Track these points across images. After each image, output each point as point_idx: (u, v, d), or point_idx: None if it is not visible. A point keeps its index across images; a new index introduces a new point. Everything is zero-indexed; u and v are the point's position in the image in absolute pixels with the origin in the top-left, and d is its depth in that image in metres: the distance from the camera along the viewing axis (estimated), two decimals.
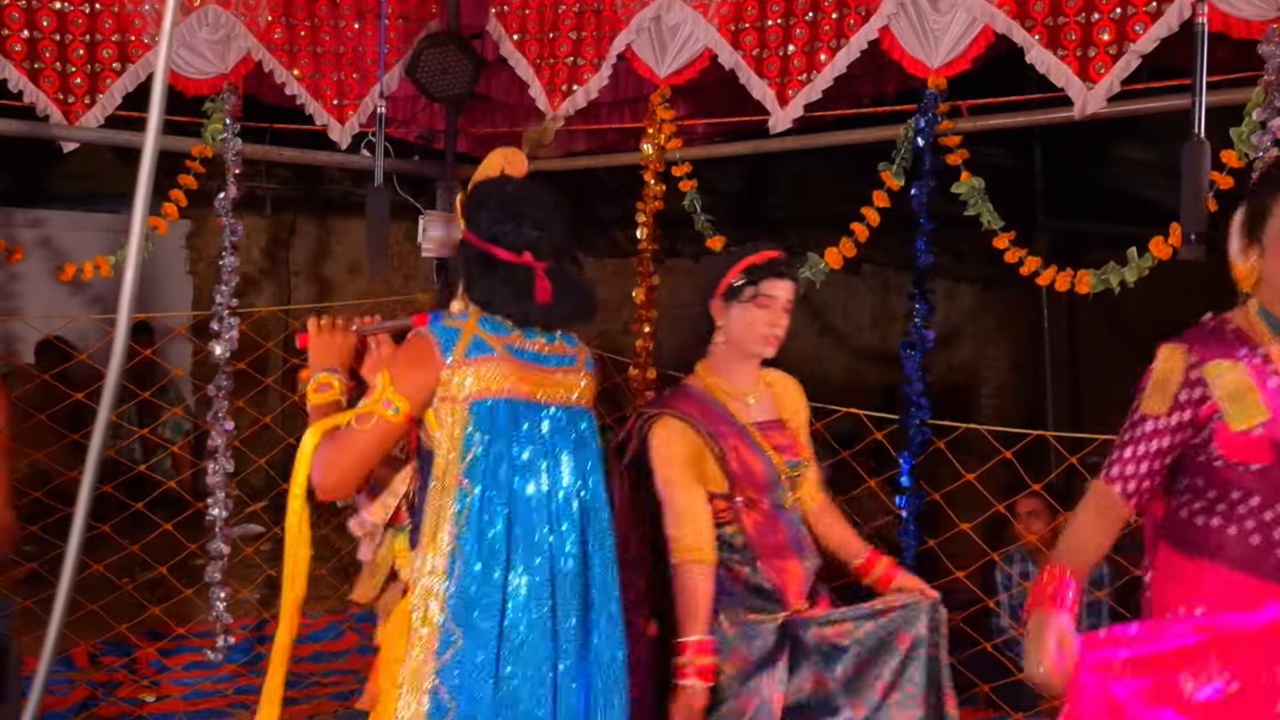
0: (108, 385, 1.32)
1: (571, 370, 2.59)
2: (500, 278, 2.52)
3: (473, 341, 2.47)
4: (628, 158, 5.04)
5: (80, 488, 1.33)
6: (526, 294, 2.51)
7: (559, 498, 2.49)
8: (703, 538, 2.90)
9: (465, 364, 2.45)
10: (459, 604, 2.36)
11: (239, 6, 4.95)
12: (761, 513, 2.98)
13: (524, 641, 2.38)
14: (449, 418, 2.44)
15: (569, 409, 2.57)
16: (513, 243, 2.53)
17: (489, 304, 2.54)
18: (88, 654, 5.22)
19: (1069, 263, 3.93)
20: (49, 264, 6.75)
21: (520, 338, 2.53)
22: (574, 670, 2.43)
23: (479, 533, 2.39)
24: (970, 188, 4.03)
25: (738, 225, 6.95)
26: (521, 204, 2.56)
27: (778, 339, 3.02)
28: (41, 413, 5.01)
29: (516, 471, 2.45)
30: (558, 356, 2.58)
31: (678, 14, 4.57)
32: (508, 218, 2.54)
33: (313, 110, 5.13)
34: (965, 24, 3.94)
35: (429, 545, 2.41)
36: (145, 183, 1.30)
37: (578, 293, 2.60)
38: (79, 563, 1.34)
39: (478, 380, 2.45)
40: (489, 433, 2.43)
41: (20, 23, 4.73)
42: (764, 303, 2.99)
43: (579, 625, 2.46)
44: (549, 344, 2.57)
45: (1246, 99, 3.46)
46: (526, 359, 2.52)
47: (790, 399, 3.19)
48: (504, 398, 2.46)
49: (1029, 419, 7.57)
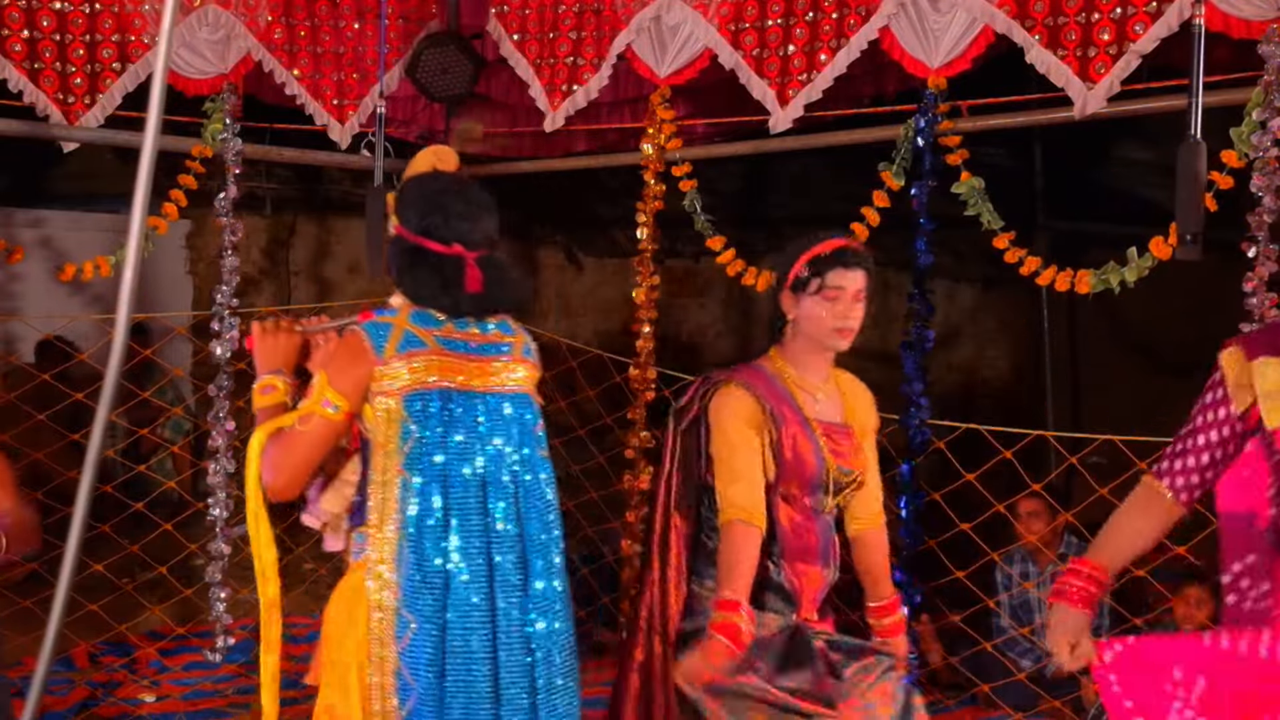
0: (107, 385, 1.32)
1: (508, 358, 2.67)
2: (430, 269, 2.59)
3: (404, 336, 2.55)
4: (628, 158, 5.04)
5: (80, 488, 1.33)
6: (456, 284, 2.58)
7: (497, 483, 2.58)
8: (755, 500, 2.82)
9: (397, 359, 2.53)
10: (409, 590, 2.48)
11: (239, 6, 4.95)
12: (799, 511, 2.90)
13: (468, 624, 2.50)
14: (384, 411, 2.53)
15: (506, 396, 2.64)
16: (443, 235, 2.59)
17: (418, 296, 2.61)
18: (88, 654, 5.22)
19: (1069, 263, 3.93)
20: (49, 264, 6.75)
21: (452, 329, 2.61)
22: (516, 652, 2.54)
23: (419, 521, 2.50)
24: (970, 188, 4.03)
25: (738, 225, 6.95)
26: (450, 197, 2.63)
27: (850, 331, 2.89)
28: (41, 413, 5.01)
29: (452, 460, 2.54)
30: (493, 346, 2.65)
31: (678, 14, 4.57)
32: (436, 211, 2.60)
33: (313, 110, 5.13)
34: (965, 24, 3.94)
35: (375, 535, 2.52)
36: (145, 183, 1.30)
37: (509, 282, 2.67)
38: (79, 563, 1.34)
39: (410, 373, 2.53)
40: (424, 424, 2.52)
41: (20, 23, 4.73)
42: (831, 294, 2.86)
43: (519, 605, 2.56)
44: (483, 334, 2.65)
45: (1246, 99, 3.46)
46: (459, 350, 2.60)
47: (860, 406, 3.06)
48: (437, 389, 2.54)
49: (1029, 419, 7.57)
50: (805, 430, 2.89)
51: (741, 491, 2.83)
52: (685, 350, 8.41)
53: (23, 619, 4.87)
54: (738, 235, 4.91)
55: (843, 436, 2.96)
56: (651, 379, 4.87)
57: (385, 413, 2.53)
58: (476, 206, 2.65)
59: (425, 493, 2.51)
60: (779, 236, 8.65)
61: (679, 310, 8.64)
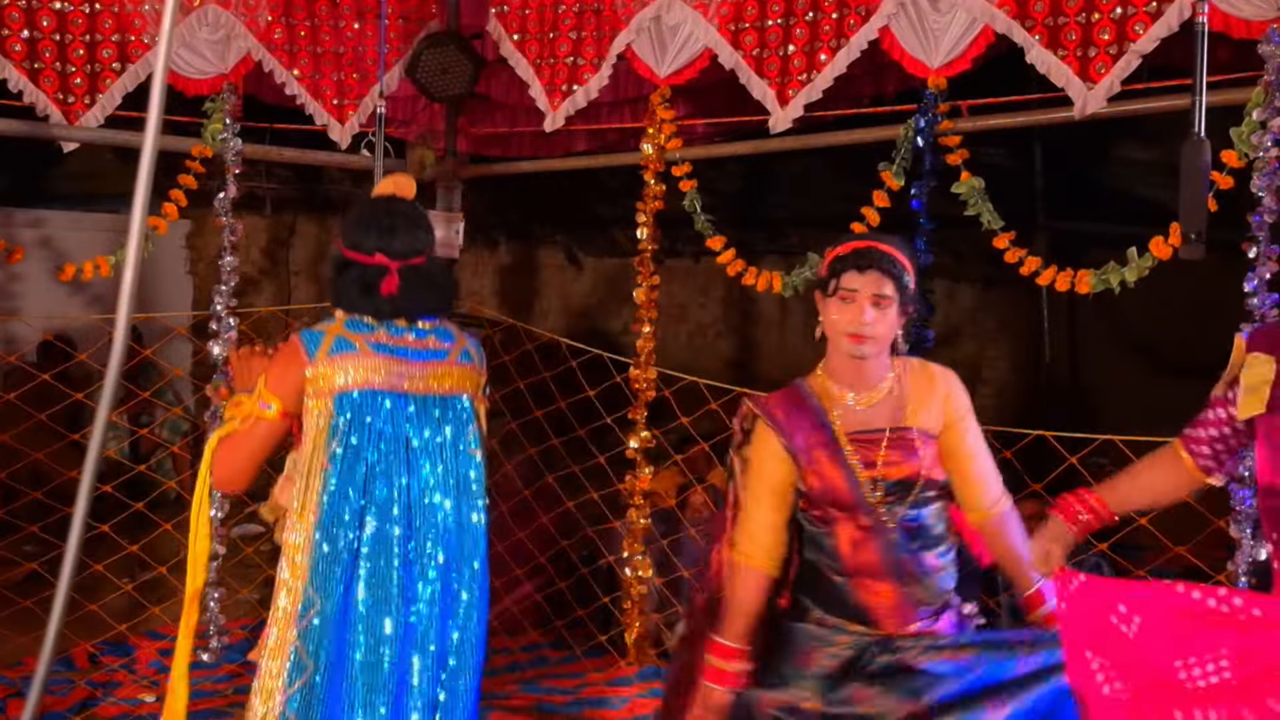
0: (107, 385, 1.32)
1: (441, 363, 2.88)
2: (352, 278, 2.84)
3: (336, 341, 2.80)
4: (628, 158, 5.04)
5: (80, 488, 1.33)
6: (374, 289, 2.82)
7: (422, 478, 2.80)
8: (757, 544, 2.78)
9: (328, 361, 2.77)
10: (317, 574, 2.70)
11: (239, 6, 4.95)
12: (858, 528, 2.78)
13: (379, 609, 2.72)
14: (316, 410, 2.77)
15: (439, 397, 2.86)
16: (367, 247, 2.84)
17: (341, 302, 2.87)
18: (88, 654, 5.22)
19: (1069, 263, 3.92)
20: (49, 264, 6.75)
21: (385, 334, 2.84)
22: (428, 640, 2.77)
23: (335, 509, 2.72)
24: (970, 188, 4.03)
25: (738, 225, 6.95)
26: (376, 214, 2.89)
27: (861, 336, 2.75)
28: (42, 412, 5.01)
29: (376, 455, 2.77)
30: (427, 351, 2.87)
31: (678, 14, 4.57)
32: (364, 227, 2.86)
33: (313, 110, 5.13)
34: (965, 24, 3.94)
35: (297, 522, 2.75)
36: (145, 183, 1.30)
37: (431, 288, 2.89)
38: (79, 563, 1.34)
39: (341, 374, 2.77)
40: (351, 421, 2.76)
41: (20, 23, 4.73)
42: (844, 296, 2.75)
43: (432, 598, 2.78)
44: (418, 339, 2.87)
45: (1246, 99, 3.46)
46: (390, 353, 2.82)
47: (929, 401, 2.84)
48: (366, 389, 2.78)
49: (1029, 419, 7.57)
50: (831, 451, 2.79)
51: (742, 534, 2.81)
52: (685, 350, 8.41)
53: (23, 619, 4.87)
54: (738, 235, 4.91)
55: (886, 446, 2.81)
56: (651, 379, 4.87)
57: (317, 411, 2.77)
58: (403, 220, 2.88)
59: (344, 483, 2.73)
60: (779, 236, 8.67)
61: (679, 310, 8.64)
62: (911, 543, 2.78)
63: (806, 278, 4.37)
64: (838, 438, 2.79)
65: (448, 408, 2.87)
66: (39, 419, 5.02)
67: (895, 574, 2.76)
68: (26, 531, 5.02)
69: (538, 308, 8.49)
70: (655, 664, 5.56)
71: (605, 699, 5.17)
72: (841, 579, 2.80)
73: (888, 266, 2.74)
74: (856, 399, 2.83)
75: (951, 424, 2.84)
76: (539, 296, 8.57)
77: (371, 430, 2.77)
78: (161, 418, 7.00)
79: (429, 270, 2.89)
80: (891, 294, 2.74)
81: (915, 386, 2.85)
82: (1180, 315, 7.71)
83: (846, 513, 2.78)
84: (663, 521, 5.81)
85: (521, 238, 8.55)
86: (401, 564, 2.75)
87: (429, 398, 2.84)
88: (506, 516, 5.78)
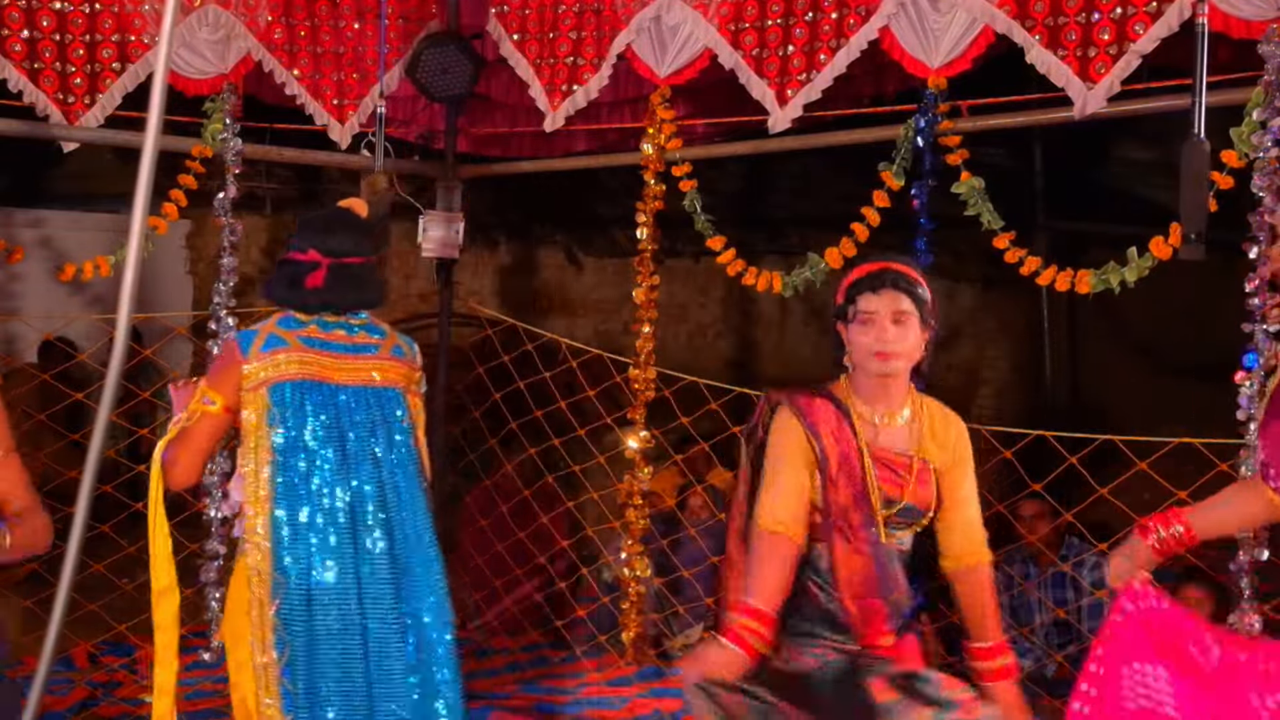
0: (108, 385, 1.32)
1: (372, 357, 3.13)
2: (284, 273, 3.14)
3: (268, 338, 3.05)
4: (628, 158, 5.03)
5: (80, 488, 1.33)
6: (299, 283, 3.09)
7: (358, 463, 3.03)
8: (787, 510, 2.75)
9: (261, 357, 3.02)
10: (280, 559, 2.94)
11: (239, 6, 4.95)
12: (855, 540, 2.80)
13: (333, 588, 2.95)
14: (253, 403, 3.01)
15: (370, 389, 3.10)
16: (303, 245, 3.13)
17: (271, 294, 3.17)
18: (88, 654, 5.21)
19: (1069, 263, 3.92)
20: (49, 264, 6.74)
21: (316, 330, 3.09)
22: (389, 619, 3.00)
23: (287, 493, 2.97)
24: (970, 188, 4.03)
25: (738, 225, 6.94)
26: (317, 219, 3.23)
27: (887, 355, 2.79)
28: (41, 413, 5.01)
29: (314, 441, 3.00)
30: (360, 346, 3.12)
31: (678, 14, 4.57)
32: (303, 228, 3.19)
33: (313, 110, 5.13)
34: (965, 24, 3.94)
35: (250, 511, 3.00)
36: (145, 183, 1.30)
37: (357, 285, 3.14)
38: (79, 563, 1.34)
39: (274, 368, 3.01)
40: (286, 411, 3.00)
41: (20, 23, 4.72)
42: (865, 319, 2.80)
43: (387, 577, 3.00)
44: (349, 335, 3.12)
45: (1246, 99, 3.46)
46: (321, 348, 3.07)
47: (942, 439, 2.89)
48: (298, 380, 3.02)
49: (1029, 419, 7.57)
50: (854, 459, 2.82)
51: (775, 500, 2.78)
52: (685, 350, 8.41)
53: (23, 619, 4.87)
54: (738, 235, 4.90)
55: (904, 468, 2.85)
56: (651, 379, 4.87)
57: (255, 404, 3.01)
58: (337, 224, 3.18)
59: (289, 469, 2.98)
60: (779, 236, 8.66)
61: (679, 310, 8.64)
62: (899, 563, 2.85)
63: (807, 277, 4.37)
64: (862, 448, 2.83)
65: (380, 398, 3.10)
66: (39, 419, 5.02)
67: (883, 591, 2.81)
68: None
69: (538, 308, 8.48)
70: (655, 664, 5.56)
71: (605, 699, 5.18)
72: (826, 592, 2.82)
73: (902, 284, 2.80)
74: (881, 418, 2.87)
75: (953, 466, 2.89)
76: (539, 296, 8.57)
77: (308, 419, 3.01)
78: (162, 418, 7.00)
79: (358, 270, 3.14)
80: (910, 309, 2.80)
81: (932, 421, 2.91)
82: (1180, 315, 7.70)
83: (844, 523, 2.80)
84: (662, 522, 5.82)
85: (521, 238, 8.54)
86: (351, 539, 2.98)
87: (361, 389, 3.09)
88: (506, 516, 5.79)
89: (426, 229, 5.08)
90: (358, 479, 3.02)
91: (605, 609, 5.73)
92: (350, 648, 2.96)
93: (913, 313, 2.80)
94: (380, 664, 2.99)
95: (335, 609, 2.95)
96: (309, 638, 2.94)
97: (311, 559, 2.95)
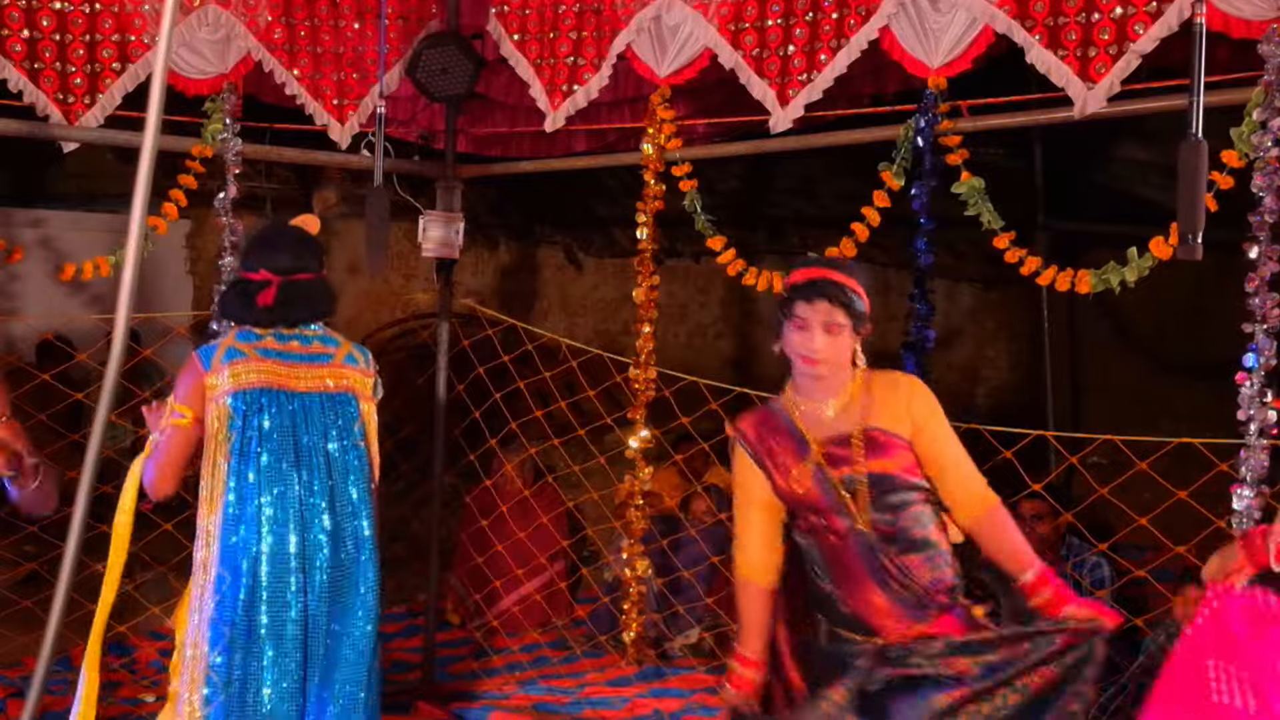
0: (107, 385, 1.32)
1: (326, 365, 3.34)
2: (235, 291, 3.39)
3: (227, 351, 3.27)
4: (628, 158, 5.03)
5: (80, 488, 1.33)
6: (252, 301, 3.31)
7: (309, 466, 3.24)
8: (751, 558, 2.94)
9: (221, 368, 3.24)
10: (224, 551, 3.18)
11: (239, 6, 4.95)
12: (835, 534, 2.84)
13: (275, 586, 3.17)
14: (214, 412, 3.23)
15: (325, 394, 3.32)
16: (252, 265, 3.36)
17: (225, 313, 3.48)
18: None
19: (1069, 263, 3.92)
20: (49, 264, 6.75)
21: (273, 342, 3.30)
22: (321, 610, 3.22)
23: (239, 493, 3.19)
24: (970, 188, 4.03)
25: (738, 225, 6.94)
26: (265, 237, 3.47)
27: (811, 359, 2.85)
28: (41, 412, 5.00)
29: (269, 446, 3.22)
30: (315, 356, 3.33)
31: (678, 14, 4.56)
32: (252, 247, 3.43)
33: (313, 110, 5.13)
34: (965, 24, 3.94)
35: (205, 512, 3.22)
36: (145, 183, 1.30)
37: (306, 301, 3.35)
38: (79, 563, 1.34)
39: (234, 379, 3.24)
40: (242, 418, 3.22)
41: (20, 23, 4.72)
42: (798, 324, 2.85)
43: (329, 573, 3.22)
44: (304, 345, 3.34)
45: (1246, 99, 3.46)
46: (276, 358, 3.29)
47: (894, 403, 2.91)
48: (258, 388, 3.24)
49: (1029, 419, 7.57)
50: (800, 456, 2.88)
51: (744, 546, 2.96)
52: (685, 350, 8.41)
53: (23, 619, 4.87)
54: (738, 235, 4.90)
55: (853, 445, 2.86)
56: (651, 379, 4.87)
57: (215, 413, 3.23)
58: (286, 240, 3.40)
59: (244, 470, 3.19)
60: (779, 236, 8.66)
61: (679, 310, 8.63)
62: (890, 546, 2.81)
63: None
64: (809, 444, 2.88)
65: (334, 404, 3.32)
66: (39, 419, 5.02)
67: (877, 579, 2.80)
68: (26, 531, 5.02)
69: (538, 308, 8.48)
70: (655, 664, 5.56)
71: (605, 699, 5.18)
72: (830, 588, 2.86)
73: (836, 295, 2.83)
74: (821, 409, 2.92)
75: (920, 427, 2.90)
76: (539, 296, 8.57)
77: (263, 426, 3.22)
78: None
79: (307, 285, 3.35)
80: (844, 321, 2.84)
81: (880, 392, 2.93)
82: (1180, 315, 7.70)
83: (821, 517, 2.85)
84: (662, 522, 5.82)
85: (521, 238, 8.54)
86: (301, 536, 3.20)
87: (315, 395, 3.30)
88: (506, 516, 5.79)
89: (426, 229, 5.07)
90: (309, 479, 3.24)
91: (605, 609, 5.73)
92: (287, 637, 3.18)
93: (845, 324, 2.85)
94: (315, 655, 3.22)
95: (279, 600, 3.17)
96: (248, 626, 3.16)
97: (259, 554, 3.17)
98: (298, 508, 3.22)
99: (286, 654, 3.18)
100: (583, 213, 8.36)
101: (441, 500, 5.49)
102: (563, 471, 6.38)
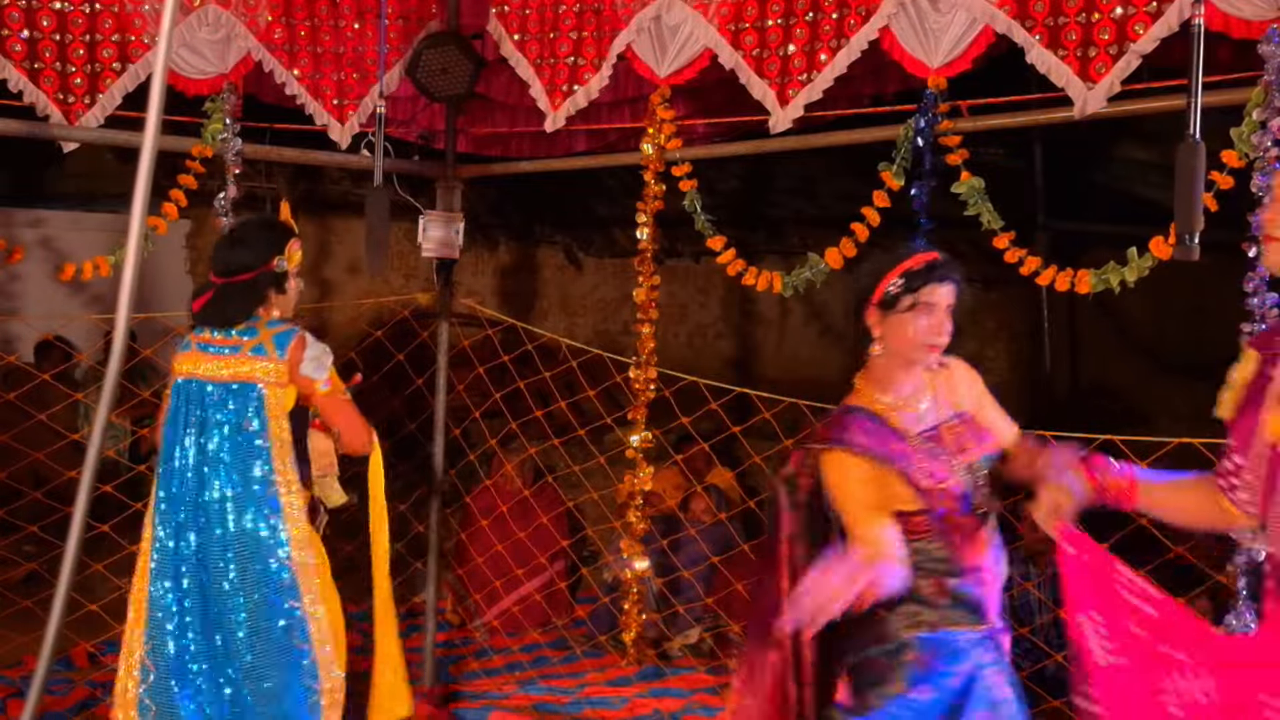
0: (107, 385, 1.32)
1: (235, 357, 3.59)
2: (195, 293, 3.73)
3: (183, 342, 3.69)
4: (628, 158, 5.03)
5: (80, 488, 1.33)
6: (190, 305, 3.70)
7: (200, 448, 3.55)
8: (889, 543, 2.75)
9: (175, 358, 3.68)
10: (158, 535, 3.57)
11: (239, 6, 4.94)
12: (962, 524, 2.83)
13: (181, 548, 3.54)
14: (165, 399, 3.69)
15: (220, 384, 3.59)
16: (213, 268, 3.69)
17: None
18: (87, 654, 5.22)
19: (1069, 263, 3.92)
20: (49, 264, 6.75)
21: (208, 335, 3.63)
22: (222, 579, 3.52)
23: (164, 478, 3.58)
24: (970, 188, 4.03)
25: (738, 225, 6.95)
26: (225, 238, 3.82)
27: (939, 347, 2.84)
28: (41, 412, 5.01)
29: (184, 429, 3.57)
30: (229, 347, 3.61)
31: (678, 14, 4.56)
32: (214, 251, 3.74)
33: (313, 110, 5.13)
34: (965, 24, 3.93)
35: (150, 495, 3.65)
36: (145, 183, 1.30)
37: (228, 302, 3.63)
38: (79, 563, 1.34)
39: (175, 368, 3.67)
40: (175, 404, 3.61)
41: (20, 23, 4.72)
42: (925, 308, 2.81)
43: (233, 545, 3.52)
44: (225, 338, 3.62)
45: (1246, 99, 3.46)
46: (203, 349, 3.63)
47: (961, 385, 2.97)
48: (184, 378, 3.63)
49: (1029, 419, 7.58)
50: (918, 453, 2.84)
51: (871, 539, 2.75)
52: (685, 350, 8.41)
53: (23, 619, 4.87)
54: (738, 235, 4.90)
55: (960, 432, 2.91)
56: (651, 379, 4.87)
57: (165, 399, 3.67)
58: (231, 242, 3.72)
59: (168, 454, 3.57)
60: (779, 236, 8.66)
61: (679, 310, 8.64)
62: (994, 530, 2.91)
63: (806, 278, 4.37)
64: (920, 438, 2.87)
65: (240, 392, 3.57)
66: (39, 419, 5.02)
67: (996, 561, 2.89)
68: (26, 531, 5.02)
69: (538, 308, 8.49)
70: (655, 664, 5.56)
71: (605, 699, 5.18)
72: (954, 578, 2.82)
73: (959, 277, 2.85)
74: (909, 404, 2.90)
75: (979, 407, 2.99)
76: (539, 296, 8.57)
77: (186, 411, 3.58)
78: None
79: (236, 289, 3.62)
80: (954, 302, 2.86)
81: (944, 379, 2.97)
82: (1180, 315, 7.71)
83: (955, 503, 2.83)
84: (662, 522, 5.82)
85: (521, 238, 8.55)
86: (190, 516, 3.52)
87: (213, 383, 3.58)
88: (506, 516, 5.79)
89: (426, 229, 5.07)
90: (212, 462, 3.53)
91: (605, 609, 5.73)
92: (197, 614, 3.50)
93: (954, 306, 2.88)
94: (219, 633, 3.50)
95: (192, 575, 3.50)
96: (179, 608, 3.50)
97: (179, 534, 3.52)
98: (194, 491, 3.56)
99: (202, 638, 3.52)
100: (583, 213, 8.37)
101: (441, 500, 5.49)
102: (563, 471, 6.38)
